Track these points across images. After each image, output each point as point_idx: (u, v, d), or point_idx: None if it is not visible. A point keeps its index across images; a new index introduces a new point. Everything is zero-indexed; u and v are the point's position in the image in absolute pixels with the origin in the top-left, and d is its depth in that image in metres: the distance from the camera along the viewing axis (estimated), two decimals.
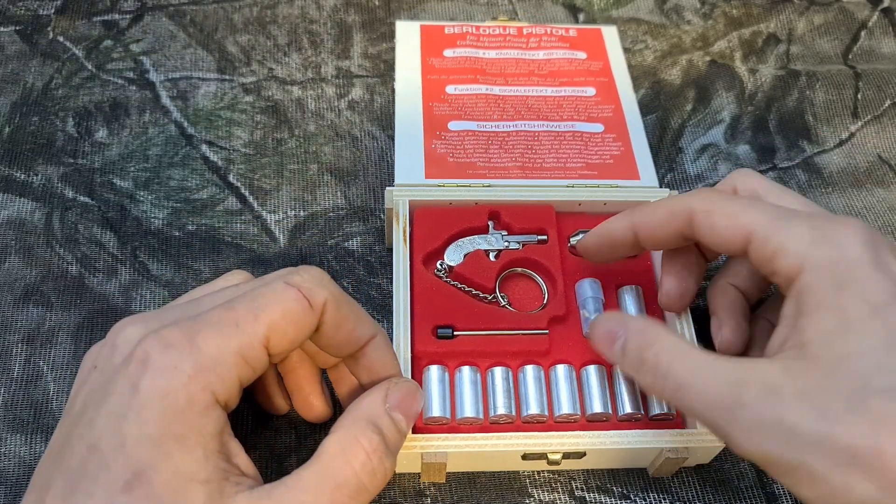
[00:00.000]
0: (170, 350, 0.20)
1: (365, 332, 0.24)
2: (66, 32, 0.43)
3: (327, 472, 0.21)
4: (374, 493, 0.22)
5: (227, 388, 0.20)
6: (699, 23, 0.47)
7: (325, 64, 0.43)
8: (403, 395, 0.24)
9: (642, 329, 0.24)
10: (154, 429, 0.19)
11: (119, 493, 0.18)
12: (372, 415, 0.23)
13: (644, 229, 0.27)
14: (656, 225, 0.27)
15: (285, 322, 0.21)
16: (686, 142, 0.41)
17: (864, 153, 0.41)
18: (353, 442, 0.22)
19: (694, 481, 0.30)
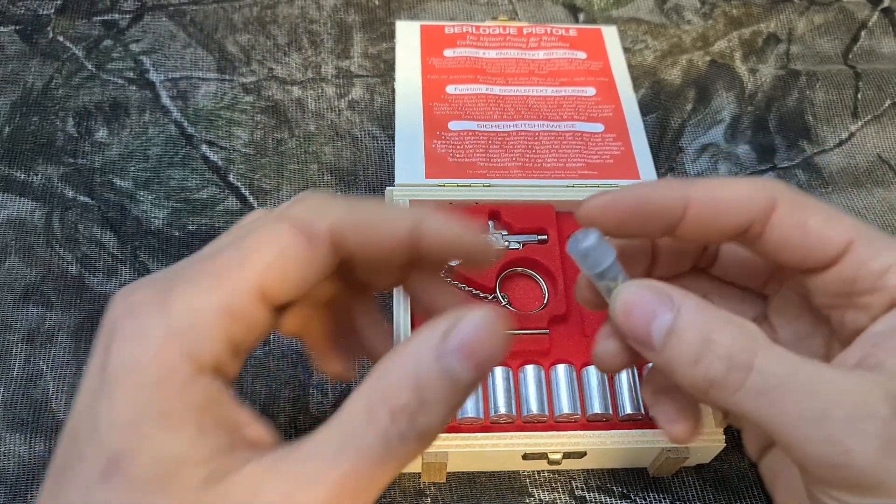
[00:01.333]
0: (138, 315, 0.17)
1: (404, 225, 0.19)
2: (66, 32, 0.43)
3: (348, 435, 0.16)
4: (404, 462, 0.17)
5: (211, 352, 0.17)
6: (699, 22, 0.47)
7: (326, 64, 0.43)
8: (470, 336, 0.17)
9: (703, 306, 0.18)
10: (126, 408, 0.16)
11: (95, 483, 0.16)
12: (415, 363, 0.17)
13: (703, 207, 0.20)
14: (724, 205, 0.20)
15: (282, 264, 0.17)
16: (686, 141, 0.41)
17: (864, 153, 0.41)
18: (380, 399, 0.16)
19: (694, 481, 0.30)
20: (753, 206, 0.20)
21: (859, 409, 0.17)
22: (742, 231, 0.20)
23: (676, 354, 0.18)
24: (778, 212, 0.20)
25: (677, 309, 0.18)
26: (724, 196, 0.20)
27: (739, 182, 0.20)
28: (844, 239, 0.20)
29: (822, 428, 0.17)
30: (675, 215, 0.20)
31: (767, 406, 0.17)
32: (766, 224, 0.20)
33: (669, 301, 0.18)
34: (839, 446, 0.16)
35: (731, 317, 0.18)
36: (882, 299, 0.20)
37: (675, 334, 0.18)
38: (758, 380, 0.17)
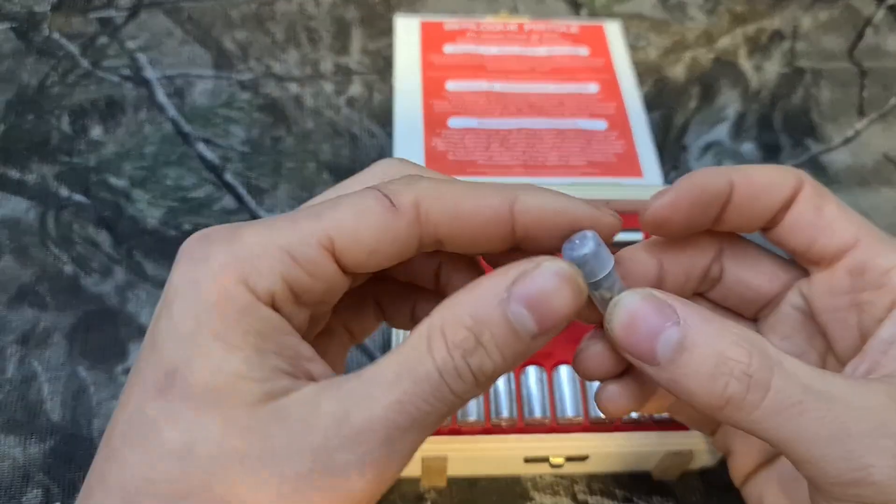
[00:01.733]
0: (209, 243, 0.17)
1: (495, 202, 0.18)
2: (62, 29, 0.43)
3: (406, 364, 0.16)
4: (462, 401, 0.16)
5: (267, 284, 0.16)
6: (703, 19, 0.46)
7: (324, 60, 0.43)
8: (538, 286, 0.16)
9: (710, 317, 0.17)
10: (183, 324, 0.16)
11: (152, 398, 0.16)
12: (476, 303, 0.16)
13: (744, 189, 0.20)
14: (761, 186, 0.20)
15: (355, 221, 0.17)
16: (690, 139, 0.41)
17: (870, 151, 0.41)
18: (439, 331, 0.16)
19: (698, 485, 0.29)
20: (786, 186, 0.20)
21: (879, 425, 0.16)
22: (775, 214, 0.20)
23: (687, 371, 0.17)
24: (801, 195, 0.20)
25: (683, 321, 0.17)
26: (761, 177, 0.20)
27: (772, 167, 0.21)
28: (854, 232, 0.20)
29: (840, 444, 0.16)
30: (724, 201, 0.20)
31: (785, 424, 0.16)
32: (789, 208, 0.20)
33: (673, 313, 0.17)
34: (858, 462, 0.16)
35: (742, 329, 0.17)
36: (886, 297, 0.19)
37: (685, 350, 0.17)
38: (776, 398, 0.16)
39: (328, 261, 0.17)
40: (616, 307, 0.18)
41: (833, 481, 0.17)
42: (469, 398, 0.17)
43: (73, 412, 0.30)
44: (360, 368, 0.16)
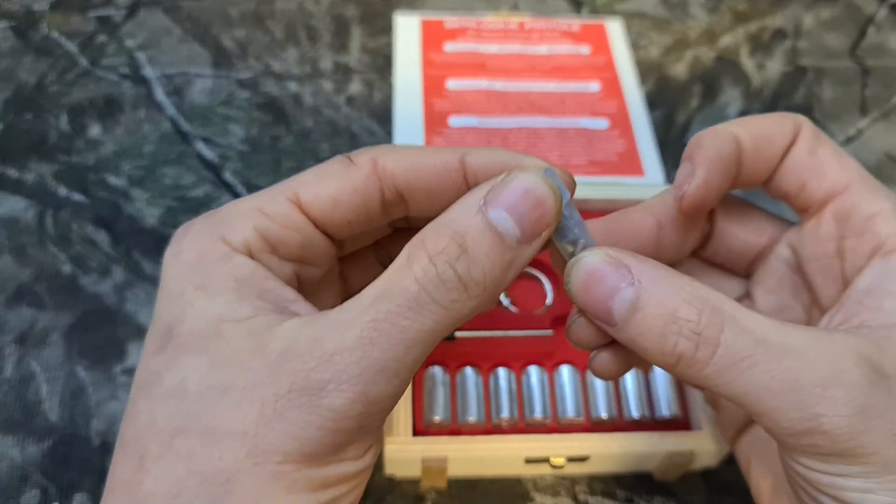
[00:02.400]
0: (189, 224, 0.19)
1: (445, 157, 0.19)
2: (60, 28, 0.43)
3: (385, 286, 0.16)
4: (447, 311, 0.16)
5: (240, 235, 0.18)
6: (705, 17, 0.46)
7: (323, 59, 0.42)
8: (515, 192, 0.16)
9: (663, 276, 0.17)
10: (173, 285, 0.18)
11: (154, 355, 0.17)
12: (455, 215, 0.17)
13: (751, 143, 0.20)
14: (764, 134, 0.20)
15: (319, 178, 0.19)
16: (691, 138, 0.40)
17: (872, 150, 0.41)
18: (418, 247, 0.16)
19: (700, 485, 0.29)
20: (786, 132, 0.20)
21: (830, 375, 0.16)
22: (777, 162, 0.21)
23: (640, 331, 0.17)
24: (798, 139, 0.21)
25: (637, 280, 0.17)
26: (760, 128, 0.21)
27: (768, 115, 0.21)
28: (844, 178, 0.20)
29: (791, 395, 0.16)
30: (737, 158, 0.20)
31: (737, 378, 0.16)
32: (787, 155, 0.21)
33: (628, 273, 0.17)
34: (809, 412, 0.16)
35: (695, 285, 0.17)
36: (867, 244, 0.19)
37: (637, 310, 0.17)
38: (726, 354, 0.16)
39: (296, 212, 0.19)
40: (574, 266, 0.18)
41: (788, 432, 0.17)
42: (463, 311, 0.16)
43: (71, 412, 0.30)
44: None
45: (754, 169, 0.21)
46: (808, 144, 0.20)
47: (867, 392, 0.16)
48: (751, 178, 0.21)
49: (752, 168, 0.21)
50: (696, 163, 0.20)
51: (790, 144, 0.21)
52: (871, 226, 0.19)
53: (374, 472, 0.29)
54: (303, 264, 0.20)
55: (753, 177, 0.21)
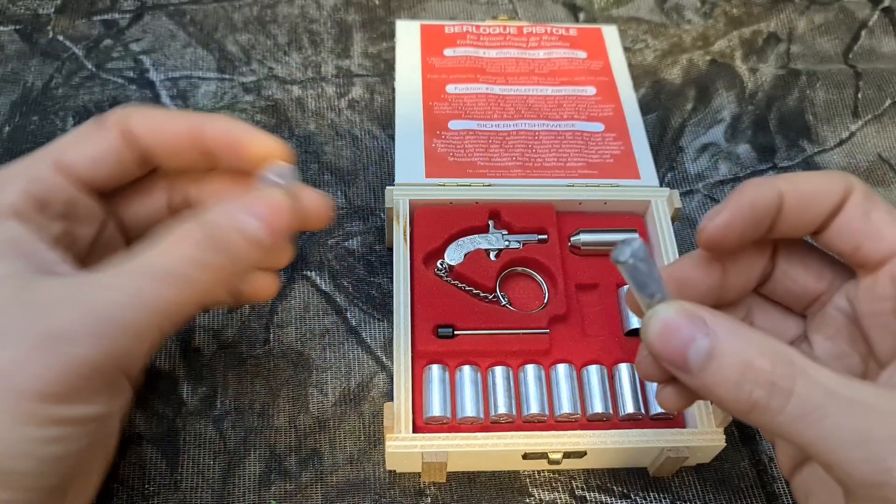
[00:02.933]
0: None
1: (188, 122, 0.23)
2: (66, 32, 0.43)
3: (147, 260, 0.20)
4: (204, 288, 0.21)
5: (8, 198, 0.21)
6: (699, 22, 0.47)
7: (326, 63, 0.43)
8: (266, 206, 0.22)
9: (738, 329, 0.18)
10: None
11: None
12: (213, 216, 0.21)
13: (793, 199, 0.21)
14: (810, 194, 0.21)
15: (75, 140, 0.22)
16: (686, 141, 0.41)
17: (865, 153, 0.41)
18: (180, 234, 0.21)
19: (694, 481, 0.30)
20: (835, 192, 0.21)
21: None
22: (826, 219, 0.21)
23: (716, 379, 0.18)
24: (850, 200, 0.21)
25: (713, 332, 0.18)
26: (810, 185, 0.21)
27: (821, 173, 0.22)
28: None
29: (863, 448, 0.17)
30: (775, 212, 0.21)
31: (809, 428, 0.17)
32: (838, 212, 0.21)
33: (703, 324, 0.18)
34: (880, 465, 0.17)
35: (768, 339, 0.18)
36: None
37: (714, 359, 0.18)
38: (798, 404, 0.17)
39: (59, 174, 0.22)
40: (651, 318, 0.19)
41: (858, 483, 0.17)
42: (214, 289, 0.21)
43: None
44: None
45: (797, 223, 0.21)
46: (862, 207, 0.21)
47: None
48: (793, 231, 0.22)
49: (794, 222, 0.21)
50: (727, 205, 0.21)
51: (839, 203, 0.21)
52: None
53: (375, 468, 0.29)
54: (72, 222, 0.23)
55: (797, 230, 0.22)
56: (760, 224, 0.21)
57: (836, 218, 0.21)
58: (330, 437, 0.30)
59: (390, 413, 0.27)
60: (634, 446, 0.28)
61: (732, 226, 0.21)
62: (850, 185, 0.21)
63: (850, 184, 0.21)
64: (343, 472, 0.29)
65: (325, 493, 0.29)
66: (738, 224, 0.21)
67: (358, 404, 0.31)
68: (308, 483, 0.29)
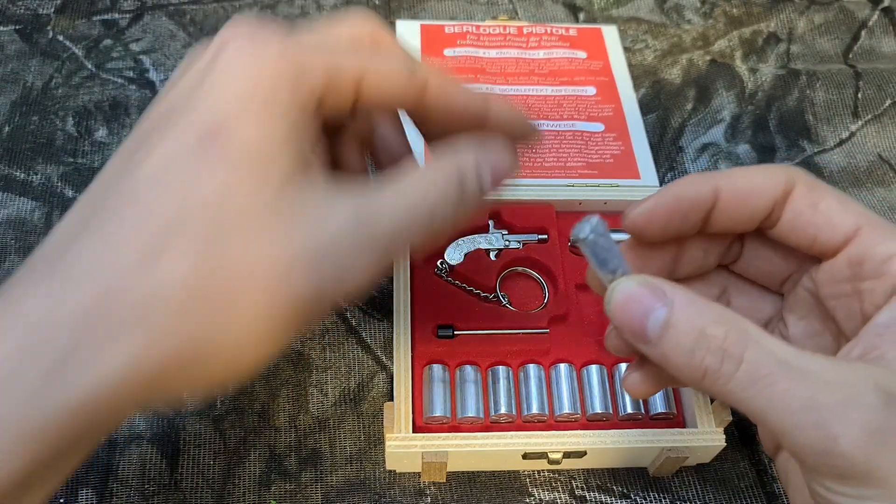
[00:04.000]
0: (266, 26, 0.19)
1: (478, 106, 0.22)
2: (66, 32, 0.43)
3: (407, 193, 0.19)
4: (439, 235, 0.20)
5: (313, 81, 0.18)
6: (699, 22, 0.47)
7: None
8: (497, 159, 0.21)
9: (695, 299, 0.19)
10: (240, 84, 0.17)
11: (190, 149, 0.17)
12: (459, 165, 0.20)
13: (730, 194, 0.21)
14: (748, 190, 0.21)
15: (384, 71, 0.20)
16: (686, 141, 0.41)
17: (865, 153, 0.41)
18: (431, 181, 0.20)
19: (694, 480, 0.30)
20: (775, 188, 0.21)
21: (847, 397, 0.17)
22: (767, 215, 0.21)
23: (671, 347, 0.19)
24: (794, 194, 0.21)
25: (671, 303, 0.19)
26: (747, 181, 0.21)
27: (760, 168, 0.22)
28: (853, 224, 0.21)
29: (810, 413, 0.17)
30: (708, 207, 0.21)
31: (758, 395, 0.18)
32: (784, 207, 0.21)
33: (663, 295, 0.19)
34: (826, 431, 0.17)
35: (724, 310, 0.19)
36: (885, 285, 0.20)
37: (670, 327, 0.19)
38: (748, 370, 0.18)
39: (352, 90, 0.19)
40: (613, 291, 0.20)
41: (807, 451, 0.17)
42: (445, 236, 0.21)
43: None
44: None
45: (736, 218, 0.22)
46: (809, 199, 0.21)
47: (882, 415, 0.17)
48: (735, 226, 0.22)
49: (733, 217, 0.22)
50: (653, 195, 0.22)
51: (781, 198, 0.21)
52: (887, 268, 0.20)
53: (375, 467, 0.29)
54: None
55: (738, 225, 0.22)
56: (688, 217, 0.22)
57: (783, 213, 0.21)
58: (330, 437, 0.30)
59: (390, 413, 0.27)
60: (634, 446, 0.28)
61: (653, 216, 0.21)
62: (791, 178, 0.21)
63: (791, 177, 0.21)
64: (343, 472, 0.29)
65: (324, 493, 0.29)
66: (661, 214, 0.21)
67: (358, 404, 0.31)
68: (308, 483, 0.29)
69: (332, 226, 0.18)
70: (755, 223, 0.22)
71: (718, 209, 0.22)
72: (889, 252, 0.20)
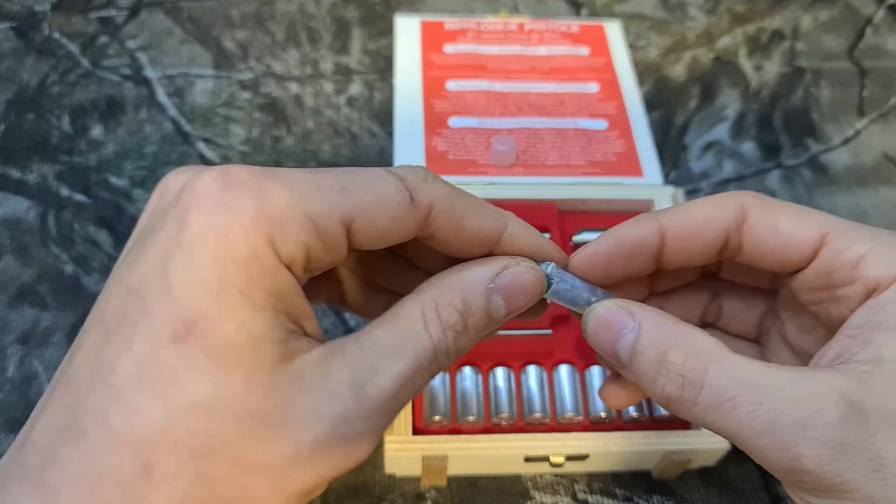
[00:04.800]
0: (232, 186, 0.16)
1: (491, 226, 0.20)
2: (62, 29, 0.43)
3: (404, 337, 0.18)
4: (440, 370, 0.19)
5: (291, 248, 0.16)
6: (703, 19, 0.46)
7: (324, 60, 0.43)
8: (516, 281, 0.19)
9: (661, 323, 0.19)
10: (208, 275, 0.16)
11: (165, 344, 0.15)
12: (467, 289, 0.19)
13: (677, 232, 0.21)
14: (695, 225, 0.21)
15: (377, 208, 0.18)
16: (690, 139, 0.41)
17: (870, 151, 0.41)
18: (433, 312, 0.18)
19: (698, 484, 0.29)
20: (723, 220, 0.21)
21: (808, 416, 0.17)
22: (721, 246, 0.21)
23: (639, 372, 0.19)
24: (749, 220, 0.21)
25: (638, 326, 0.19)
26: (694, 217, 0.21)
27: (707, 200, 0.21)
28: (817, 234, 0.20)
29: (773, 435, 0.17)
30: (655, 247, 0.21)
31: (724, 418, 0.18)
32: (741, 234, 0.21)
33: (631, 319, 0.19)
34: (789, 452, 0.17)
35: (689, 331, 0.19)
36: (859, 290, 0.20)
37: (636, 353, 0.19)
38: (709, 395, 0.18)
39: (344, 237, 0.18)
40: (587, 317, 0.20)
41: (776, 469, 0.17)
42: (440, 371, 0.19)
43: None
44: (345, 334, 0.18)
45: (689, 253, 0.21)
46: (766, 224, 0.20)
47: (843, 431, 0.17)
48: (690, 260, 0.22)
49: (685, 253, 0.21)
50: (594, 241, 0.21)
51: (733, 226, 0.21)
52: (858, 273, 0.20)
53: (374, 471, 0.29)
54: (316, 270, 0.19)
55: (692, 259, 0.21)
56: (633, 260, 0.21)
57: (743, 240, 0.21)
58: None
59: None
60: (637, 449, 0.27)
61: (594, 262, 0.21)
62: (741, 205, 0.21)
63: (741, 205, 0.21)
64: (342, 476, 0.29)
65: (323, 497, 0.28)
66: (602, 259, 0.21)
67: None
68: None
69: (333, 406, 0.17)
70: (712, 256, 0.21)
71: (668, 248, 0.21)
72: (857, 256, 0.20)
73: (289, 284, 0.17)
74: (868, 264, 0.19)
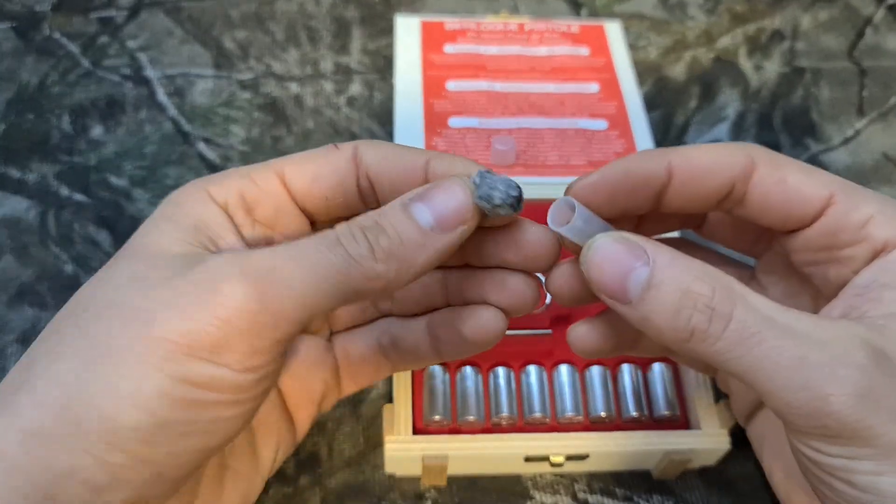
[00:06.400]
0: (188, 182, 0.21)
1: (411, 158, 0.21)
2: (62, 29, 0.43)
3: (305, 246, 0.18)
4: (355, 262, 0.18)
5: (223, 191, 0.20)
6: (703, 18, 0.46)
7: (324, 60, 0.43)
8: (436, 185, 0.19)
9: (677, 256, 0.18)
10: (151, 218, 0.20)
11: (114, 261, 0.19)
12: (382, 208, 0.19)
13: (684, 172, 0.20)
14: (705, 168, 0.20)
15: (304, 158, 0.21)
16: (690, 139, 0.41)
17: (870, 151, 0.41)
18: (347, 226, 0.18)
19: (698, 484, 0.29)
20: (733, 167, 0.20)
21: (837, 356, 0.16)
22: (725, 195, 0.20)
23: (654, 307, 0.18)
24: (758, 172, 0.20)
25: (652, 261, 0.18)
26: (704, 160, 0.20)
27: (718, 146, 0.21)
28: (825, 193, 0.20)
29: (799, 373, 0.16)
30: (660, 184, 0.20)
31: (747, 354, 0.17)
32: (747, 185, 0.20)
33: (643, 254, 0.18)
34: (817, 391, 0.16)
35: (707, 267, 0.18)
36: (864, 250, 0.19)
37: (652, 287, 0.18)
38: (737, 328, 0.17)
39: (277, 182, 0.21)
40: (590, 250, 0.19)
41: (796, 412, 0.17)
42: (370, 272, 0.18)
43: None
44: None
45: (693, 196, 0.21)
46: (774, 177, 0.20)
47: (873, 374, 0.16)
48: (692, 205, 0.21)
49: (689, 195, 0.21)
50: (601, 168, 0.21)
51: (741, 175, 0.20)
52: (866, 233, 0.19)
53: (374, 471, 0.29)
54: (275, 231, 0.21)
55: (695, 204, 0.21)
56: (636, 194, 0.20)
57: (748, 192, 0.20)
58: (328, 439, 0.30)
59: (390, 415, 0.27)
60: (637, 449, 0.27)
61: (598, 189, 0.20)
62: (751, 156, 0.20)
63: (751, 155, 0.20)
64: (341, 476, 0.29)
65: (323, 498, 0.28)
66: (606, 189, 0.20)
67: (357, 406, 0.30)
68: (306, 487, 0.28)
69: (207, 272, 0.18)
70: (713, 203, 0.21)
71: (673, 188, 0.20)
72: (865, 216, 0.19)
73: (214, 215, 0.20)
74: (876, 225, 0.19)
